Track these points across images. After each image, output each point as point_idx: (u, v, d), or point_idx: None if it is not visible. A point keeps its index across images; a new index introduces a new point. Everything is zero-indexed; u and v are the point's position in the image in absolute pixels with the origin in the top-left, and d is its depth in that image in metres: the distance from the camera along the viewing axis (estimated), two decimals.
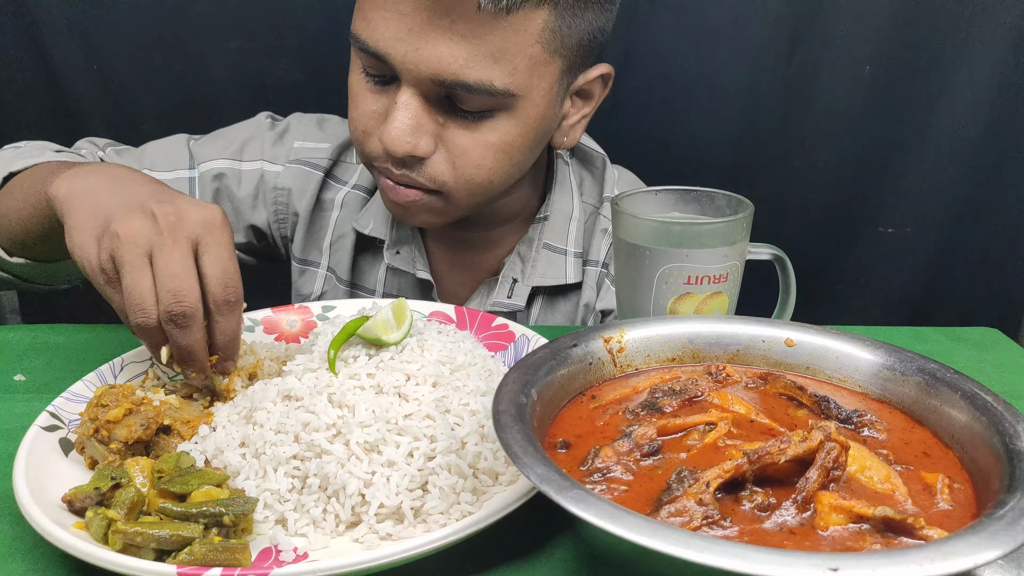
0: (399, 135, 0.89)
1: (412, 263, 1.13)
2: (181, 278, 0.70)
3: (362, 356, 0.74)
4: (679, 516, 0.50)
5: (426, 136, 0.91)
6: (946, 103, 1.43)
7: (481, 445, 0.67)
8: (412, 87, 0.88)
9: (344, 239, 1.16)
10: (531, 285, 1.10)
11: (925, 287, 1.57)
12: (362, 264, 1.18)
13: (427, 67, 0.85)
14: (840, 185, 1.51)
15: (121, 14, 1.42)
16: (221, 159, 1.14)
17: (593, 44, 0.95)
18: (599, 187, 1.16)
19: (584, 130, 1.05)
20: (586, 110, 1.03)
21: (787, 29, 1.40)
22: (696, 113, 1.47)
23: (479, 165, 0.93)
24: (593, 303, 1.13)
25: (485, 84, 0.86)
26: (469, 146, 0.92)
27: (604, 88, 1.02)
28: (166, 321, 0.71)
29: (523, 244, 1.12)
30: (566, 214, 1.12)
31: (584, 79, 0.98)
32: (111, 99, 1.48)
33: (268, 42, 1.45)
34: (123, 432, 0.69)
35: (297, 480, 0.65)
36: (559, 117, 1.00)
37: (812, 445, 0.53)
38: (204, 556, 0.57)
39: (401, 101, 0.89)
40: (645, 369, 0.70)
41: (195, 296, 0.71)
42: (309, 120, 1.19)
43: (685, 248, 0.78)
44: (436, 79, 0.86)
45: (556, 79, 0.93)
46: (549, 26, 0.87)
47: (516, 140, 0.94)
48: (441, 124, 0.91)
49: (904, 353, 0.66)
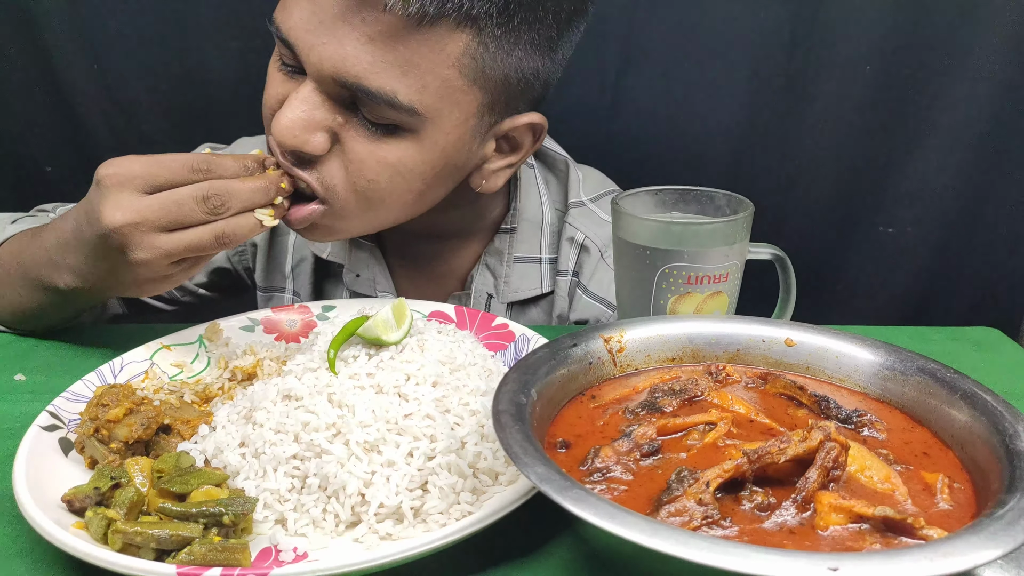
0: (289, 125, 0.83)
1: (373, 286, 1.10)
2: (179, 196, 0.78)
3: (362, 356, 0.74)
4: (679, 516, 0.50)
5: (319, 132, 0.84)
6: (946, 103, 1.43)
7: (481, 445, 0.67)
8: (315, 82, 0.83)
9: (304, 263, 1.14)
10: (506, 302, 1.08)
11: (925, 287, 1.57)
12: (325, 288, 1.15)
13: (330, 63, 0.80)
14: (840, 185, 1.51)
15: (121, 14, 1.42)
16: None
17: (524, 86, 0.88)
18: (563, 191, 1.12)
19: (508, 178, 0.98)
20: (512, 159, 0.96)
21: (787, 29, 1.40)
22: (696, 113, 1.47)
23: (372, 180, 0.86)
24: (566, 314, 1.10)
25: (387, 94, 0.80)
26: (365, 156, 0.85)
27: (534, 140, 0.95)
28: (218, 212, 0.79)
29: (490, 255, 1.08)
30: (535, 222, 1.09)
31: (511, 124, 0.91)
32: (111, 99, 1.47)
33: (268, 42, 1.44)
34: (123, 432, 0.69)
35: (297, 480, 0.65)
36: (478, 156, 0.93)
37: (812, 445, 0.53)
38: (204, 556, 0.57)
39: (300, 94, 0.83)
40: (645, 369, 0.70)
41: (192, 190, 0.78)
42: (254, 143, 1.16)
43: (685, 248, 0.78)
44: (337, 77, 0.80)
45: (472, 112, 0.86)
46: (469, 52, 0.81)
47: (417, 166, 0.87)
48: (341, 124, 0.85)
49: (904, 353, 0.66)
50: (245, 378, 0.85)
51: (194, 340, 0.91)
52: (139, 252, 0.77)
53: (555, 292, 1.09)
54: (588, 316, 1.09)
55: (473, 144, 0.90)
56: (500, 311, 1.08)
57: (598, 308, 1.08)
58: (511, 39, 0.83)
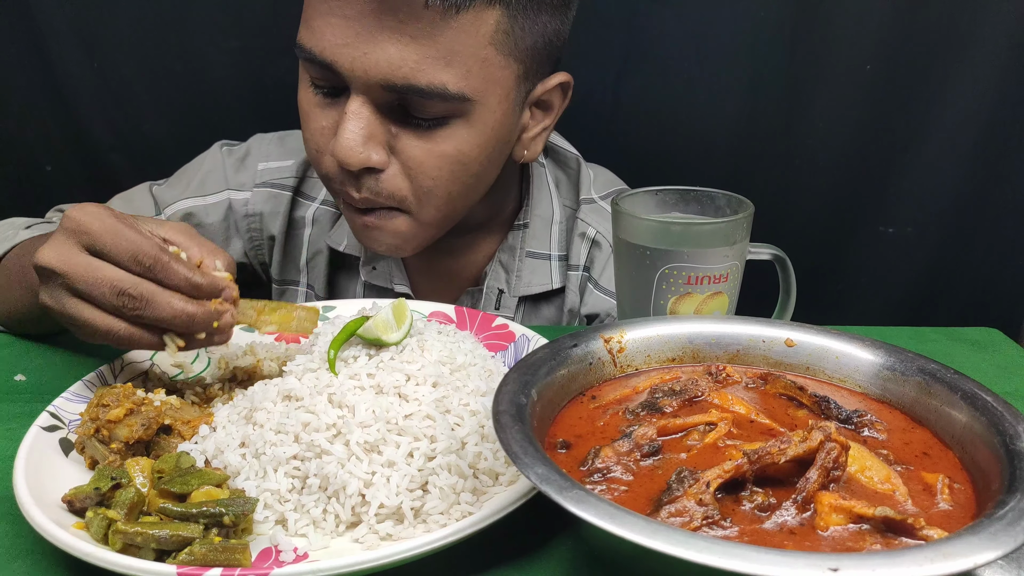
0: (350, 145, 0.85)
1: (389, 278, 1.11)
2: (133, 240, 0.69)
3: (362, 356, 0.74)
4: (679, 516, 0.50)
5: (378, 147, 0.87)
6: (946, 103, 1.43)
7: (481, 445, 0.67)
8: (362, 95, 0.85)
9: (319, 256, 1.15)
10: (518, 296, 1.09)
11: (925, 287, 1.57)
12: (339, 281, 1.16)
13: (376, 71, 0.82)
14: (840, 185, 1.51)
15: (121, 14, 1.42)
16: (184, 199, 1.12)
17: (549, 49, 0.92)
18: (575, 188, 1.14)
19: (545, 142, 1.02)
20: (546, 122, 1.00)
21: (787, 29, 1.40)
22: (696, 113, 1.47)
23: (436, 177, 0.90)
24: (577, 308, 1.11)
25: (438, 87, 0.83)
26: (423, 157, 0.88)
27: (564, 98, 0.99)
28: (128, 313, 0.70)
29: (503, 252, 1.10)
30: (546, 219, 1.11)
31: (543, 88, 0.95)
32: (111, 99, 1.47)
33: (268, 42, 1.45)
34: (124, 432, 0.69)
35: (297, 480, 0.65)
36: (518, 128, 0.97)
37: (812, 445, 0.53)
38: (204, 556, 0.57)
39: (351, 110, 0.85)
40: (645, 369, 0.70)
41: (118, 279, 0.69)
42: (270, 140, 1.17)
43: (685, 248, 0.78)
44: (386, 84, 0.83)
45: (512, 85, 0.90)
46: (502, 27, 0.85)
47: (473, 150, 0.90)
48: (393, 135, 0.88)
49: (904, 353, 0.66)
50: (245, 378, 0.85)
51: None
52: (45, 296, 0.73)
53: (567, 287, 1.11)
54: (599, 310, 1.10)
55: (515, 116, 0.94)
56: (511, 306, 1.09)
57: (609, 302, 1.09)
58: (535, 6, 0.87)
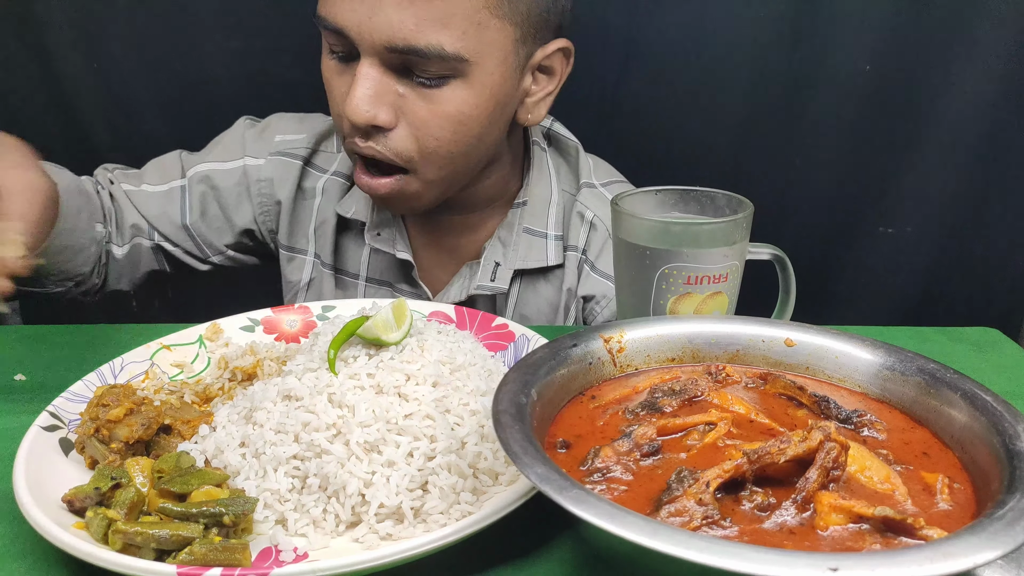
0: (359, 104, 0.92)
1: (393, 244, 1.15)
2: None
3: (362, 356, 0.74)
4: (679, 516, 0.50)
5: (385, 106, 0.94)
6: (946, 103, 1.43)
7: (481, 445, 0.67)
8: (370, 57, 0.92)
9: (326, 224, 1.19)
10: (513, 268, 1.12)
11: (925, 287, 1.57)
12: (345, 248, 1.21)
13: (380, 34, 0.89)
14: (840, 185, 1.51)
15: (121, 14, 1.42)
16: (204, 163, 1.19)
17: (547, 15, 0.97)
18: (575, 174, 1.17)
19: (549, 107, 1.06)
20: (550, 87, 1.04)
21: (787, 29, 1.40)
22: (696, 113, 1.47)
23: (438, 137, 0.96)
24: (575, 287, 1.14)
25: (435, 48, 0.89)
26: (427, 117, 0.95)
27: (567, 63, 1.04)
28: None
29: (503, 229, 1.14)
30: (544, 199, 1.14)
31: (543, 53, 1.00)
32: (111, 99, 1.48)
33: (268, 42, 1.45)
34: (124, 431, 0.69)
35: (297, 480, 0.65)
36: (520, 92, 1.02)
37: (812, 445, 0.53)
38: (204, 556, 0.57)
39: (360, 72, 0.92)
40: (645, 369, 0.70)
41: None
42: (289, 118, 1.23)
43: (685, 248, 0.78)
44: (390, 45, 0.89)
45: (510, 48, 0.95)
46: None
47: (472, 111, 0.96)
48: (401, 95, 0.94)
49: (904, 353, 0.66)
50: (245, 378, 0.85)
51: (194, 340, 0.91)
52: None
53: (565, 266, 1.14)
54: (595, 292, 1.13)
55: (515, 79, 0.99)
56: (506, 279, 1.12)
57: (605, 284, 1.13)
58: None
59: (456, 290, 1.14)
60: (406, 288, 1.18)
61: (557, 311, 1.15)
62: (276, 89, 1.49)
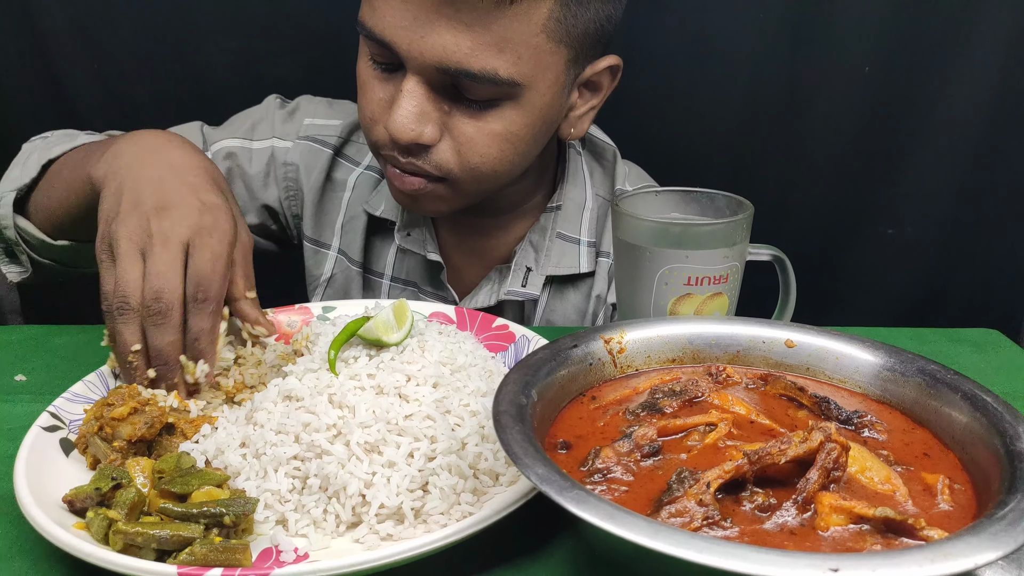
0: (404, 122, 0.89)
1: (423, 244, 1.13)
2: (164, 277, 0.74)
3: (363, 357, 0.74)
4: (679, 516, 0.50)
5: (431, 124, 0.91)
6: (946, 103, 1.43)
7: (482, 446, 0.67)
8: (417, 75, 0.88)
9: (356, 220, 1.17)
10: (545, 274, 1.10)
11: (925, 287, 1.57)
12: (373, 246, 1.18)
13: (432, 55, 0.85)
14: (840, 185, 1.51)
15: (121, 14, 1.42)
16: (230, 139, 1.16)
17: (600, 34, 0.94)
18: (610, 180, 1.16)
19: (592, 121, 1.04)
20: (594, 102, 1.02)
21: (787, 29, 1.40)
22: (696, 113, 1.47)
23: (484, 154, 0.93)
24: (605, 294, 1.12)
25: (489, 73, 0.86)
26: (474, 135, 0.92)
27: (613, 80, 1.02)
28: (146, 318, 0.74)
29: (535, 233, 1.12)
30: (579, 204, 1.12)
31: (592, 70, 0.97)
32: (111, 98, 1.47)
33: (268, 42, 1.45)
34: (127, 430, 0.69)
35: (298, 480, 0.65)
36: (566, 108, 1.00)
37: (812, 446, 0.53)
38: (205, 556, 0.57)
39: (407, 88, 0.89)
40: (645, 370, 0.70)
41: (174, 295, 0.75)
42: (319, 101, 1.20)
43: (685, 249, 0.78)
44: (441, 67, 0.86)
45: (562, 69, 0.93)
46: (554, 15, 0.87)
47: (521, 130, 0.93)
48: (447, 112, 0.91)
49: (904, 354, 0.66)
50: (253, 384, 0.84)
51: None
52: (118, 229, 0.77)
53: (596, 273, 1.12)
54: None
55: (563, 97, 0.97)
56: (538, 285, 1.10)
57: None
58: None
59: (485, 295, 1.12)
60: (431, 291, 1.16)
61: (585, 317, 1.13)
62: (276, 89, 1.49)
